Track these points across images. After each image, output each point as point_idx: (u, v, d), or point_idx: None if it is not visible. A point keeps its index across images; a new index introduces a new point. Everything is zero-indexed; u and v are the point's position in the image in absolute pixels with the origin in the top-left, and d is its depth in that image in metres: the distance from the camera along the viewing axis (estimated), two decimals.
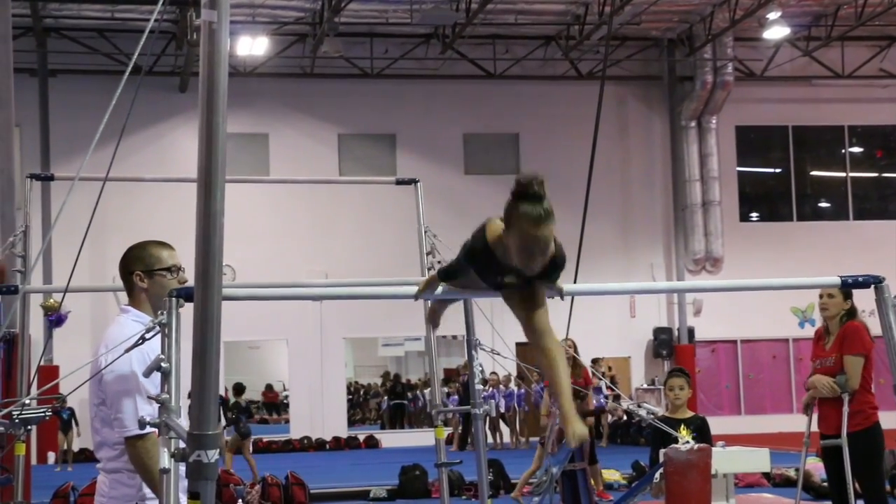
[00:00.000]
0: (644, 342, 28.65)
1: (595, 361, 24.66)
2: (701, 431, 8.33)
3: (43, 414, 6.45)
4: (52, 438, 23.41)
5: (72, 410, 22.03)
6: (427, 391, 28.65)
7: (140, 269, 5.04)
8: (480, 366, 7.66)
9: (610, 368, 26.07)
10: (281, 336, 27.30)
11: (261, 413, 34.41)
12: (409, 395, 31.09)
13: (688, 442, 6.97)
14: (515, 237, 4.05)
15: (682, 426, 8.24)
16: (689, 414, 8.68)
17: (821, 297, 8.47)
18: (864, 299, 6.41)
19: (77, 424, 22.55)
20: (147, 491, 4.85)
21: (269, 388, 33.33)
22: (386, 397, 31.68)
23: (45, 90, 25.73)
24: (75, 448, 23.69)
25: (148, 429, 4.69)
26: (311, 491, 15.98)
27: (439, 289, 4.48)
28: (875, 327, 8.20)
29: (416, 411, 30.83)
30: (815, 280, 5.03)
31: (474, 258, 4.23)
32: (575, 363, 13.58)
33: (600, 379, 11.99)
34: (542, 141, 27.97)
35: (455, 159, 27.91)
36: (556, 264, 4.22)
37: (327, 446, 26.68)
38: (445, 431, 8.23)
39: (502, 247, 4.13)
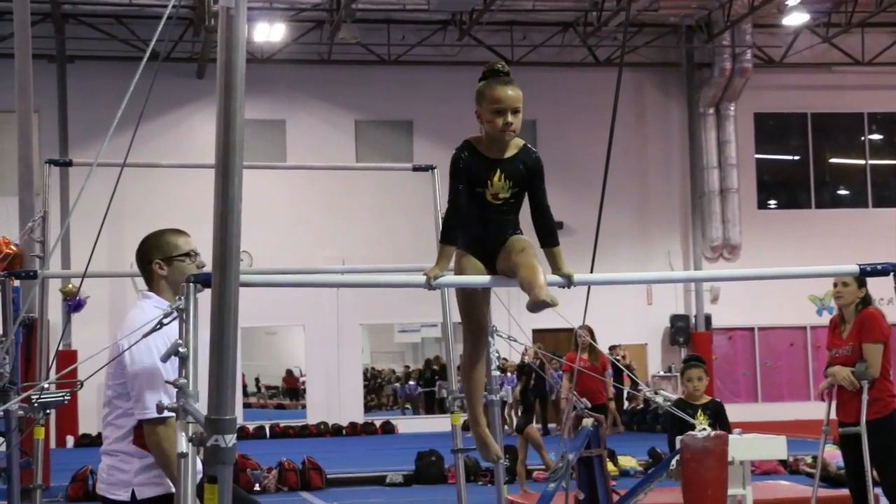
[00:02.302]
0: (661, 329, 28.61)
1: (612, 348, 24.65)
2: (718, 415, 8.35)
3: (61, 398, 6.48)
4: (72, 422, 23.54)
5: None
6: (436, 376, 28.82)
7: (158, 256, 5.11)
8: (497, 352, 7.66)
9: (624, 357, 25.99)
10: (298, 322, 27.35)
11: (279, 398, 34.52)
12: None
13: (705, 429, 6.97)
14: (488, 104, 4.50)
15: (700, 412, 8.27)
16: (706, 399, 8.71)
17: (835, 285, 8.45)
18: (881, 287, 6.39)
19: None
20: (142, 477, 4.89)
21: (289, 373, 33.42)
22: (411, 382, 31.69)
23: (63, 76, 25.78)
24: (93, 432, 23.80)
25: (167, 413, 4.75)
26: (328, 476, 16.03)
27: (450, 276, 4.49)
28: (890, 315, 8.19)
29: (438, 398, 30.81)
30: (833, 268, 5.02)
31: (458, 162, 4.52)
32: (592, 349, 13.64)
33: (619, 365, 12.02)
34: (559, 128, 27.91)
35: None
36: (529, 169, 4.58)
37: (344, 432, 26.73)
38: (461, 417, 8.24)
39: (482, 141, 4.56)
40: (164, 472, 4.81)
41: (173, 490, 4.77)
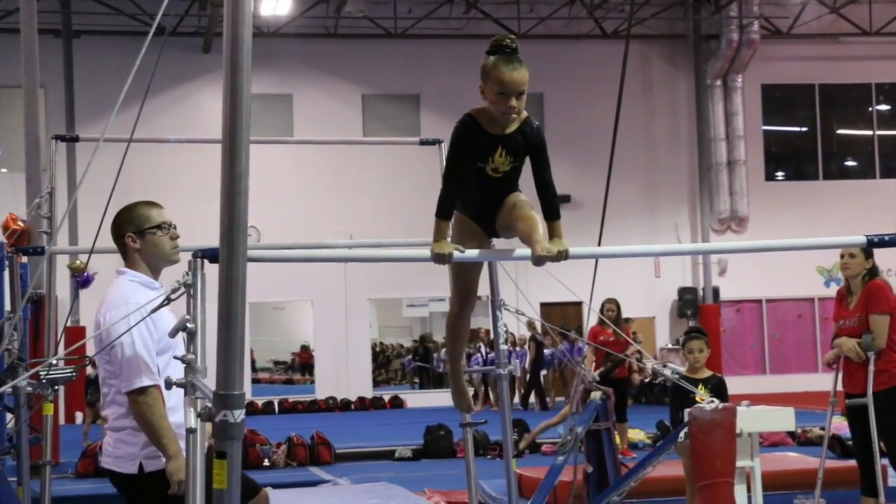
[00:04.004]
0: (669, 302, 28.62)
1: (627, 321, 24.66)
2: (718, 391, 8.36)
3: (70, 374, 6.50)
4: (80, 399, 23.57)
5: None
6: (443, 351, 28.82)
7: (131, 230, 5.12)
8: (505, 326, 7.66)
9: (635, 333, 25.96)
10: (306, 297, 27.40)
11: (289, 374, 34.58)
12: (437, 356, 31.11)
13: (712, 401, 6.98)
14: (493, 85, 4.44)
15: (701, 385, 8.29)
16: (708, 373, 8.73)
17: (842, 256, 8.42)
18: (888, 258, 6.39)
19: None
20: (149, 450, 4.90)
21: (304, 348, 33.49)
22: (409, 357, 31.76)
23: (69, 51, 25.75)
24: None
25: (147, 382, 4.77)
26: (337, 451, 16.06)
27: (452, 249, 4.50)
28: None
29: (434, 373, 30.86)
30: (840, 239, 5.02)
31: (462, 139, 4.54)
32: (616, 323, 13.79)
33: (632, 342, 12.08)
34: (567, 100, 27.86)
35: None
36: (531, 143, 4.56)
37: (352, 406, 26.80)
38: (469, 391, 8.24)
39: (485, 115, 4.53)
40: (151, 442, 4.83)
41: None
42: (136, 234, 5.12)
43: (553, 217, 4.57)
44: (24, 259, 9.00)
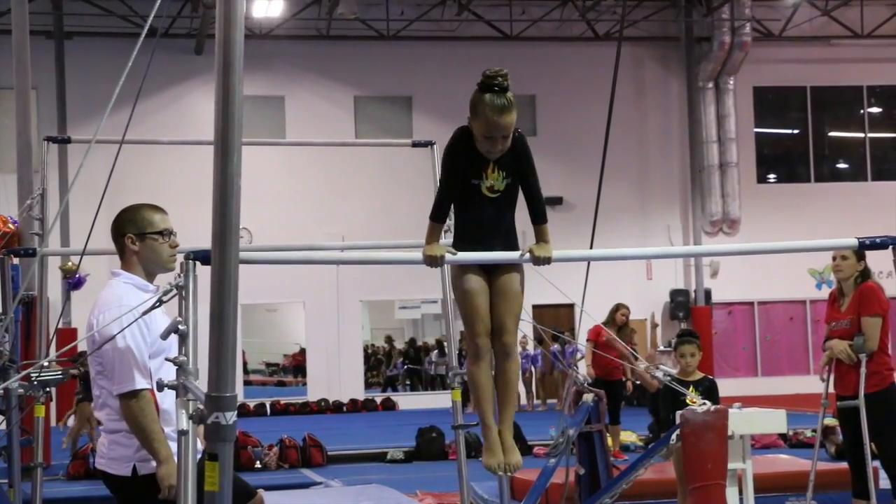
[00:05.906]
0: (661, 304, 28.62)
1: (633, 330, 24.64)
2: (709, 393, 8.38)
3: (61, 376, 6.49)
4: (73, 400, 23.53)
5: None
6: (434, 353, 28.90)
7: (132, 232, 5.10)
8: None
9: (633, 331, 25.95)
10: (298, 299, 27.37)
11: (279, 375, 34.54)
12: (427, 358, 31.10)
13: (704, 403, 6.98)
14: (480, 125, 4.45)
15: (692, 388, 8.31)
16: (699, 375, 8.74)
17: (834, 258, 8.43)
18: (880, 260, 6.39)
19: None
20: (144, 453, 4.88)
21: (302, 351, 33.49)
22: (399, 360, 31.75)
23: (61, 53, 25.70)
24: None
25: (139, 385, 4.75)
26: (329, 452, 16.05)
27: (444, 252, 4.51)
28: (889, 288, 8.18)
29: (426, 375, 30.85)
30: (832, 242, 5.04)
31: (455, 148, 4.55)
32: (622, 328, 13.95)
33: (631, 350, 12.17)
34: (559, 103, 27.87)
35: None
36: (518, 154, 4.57)
37: (344, 408, 26.78)
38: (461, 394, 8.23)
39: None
40: (142, 445, 4.82)
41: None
42: (136, 235, 5.10)
43: (540, 221, 4.62)
44: (16, 261, 8.99)
